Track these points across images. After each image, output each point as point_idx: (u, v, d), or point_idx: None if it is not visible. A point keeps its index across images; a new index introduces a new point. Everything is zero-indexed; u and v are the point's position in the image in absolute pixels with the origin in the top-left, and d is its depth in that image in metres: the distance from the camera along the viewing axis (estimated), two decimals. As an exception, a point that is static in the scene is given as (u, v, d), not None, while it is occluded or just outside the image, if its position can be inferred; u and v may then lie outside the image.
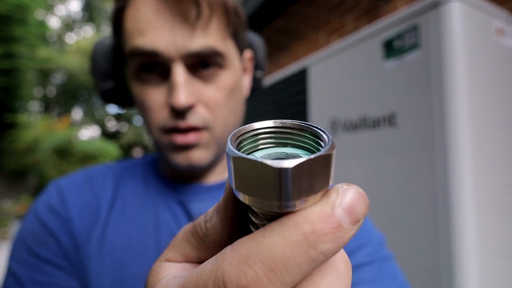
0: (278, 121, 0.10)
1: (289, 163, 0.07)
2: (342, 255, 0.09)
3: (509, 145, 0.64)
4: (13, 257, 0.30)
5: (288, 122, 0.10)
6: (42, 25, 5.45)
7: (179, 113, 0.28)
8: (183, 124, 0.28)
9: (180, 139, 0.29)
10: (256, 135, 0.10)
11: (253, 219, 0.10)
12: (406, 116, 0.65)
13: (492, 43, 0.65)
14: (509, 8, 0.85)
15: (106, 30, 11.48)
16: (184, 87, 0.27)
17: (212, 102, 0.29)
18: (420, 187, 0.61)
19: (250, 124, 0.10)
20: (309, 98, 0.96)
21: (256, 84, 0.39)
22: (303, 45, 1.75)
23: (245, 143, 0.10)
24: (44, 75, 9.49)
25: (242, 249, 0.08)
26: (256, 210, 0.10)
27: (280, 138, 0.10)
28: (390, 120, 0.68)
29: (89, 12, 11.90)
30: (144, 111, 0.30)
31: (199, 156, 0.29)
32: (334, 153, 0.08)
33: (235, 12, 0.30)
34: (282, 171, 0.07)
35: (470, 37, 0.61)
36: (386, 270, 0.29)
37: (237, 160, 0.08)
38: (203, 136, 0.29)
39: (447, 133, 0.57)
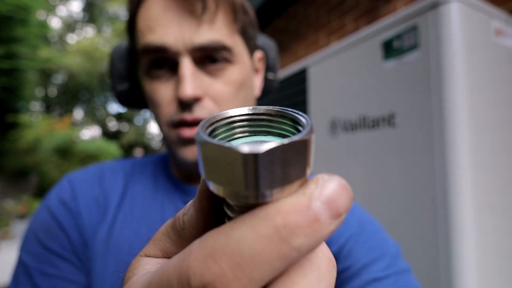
0: (255, 107, 0.09)
1: (259, 148, 0.07)
2: (325, 253, 0.09)
3: (508, 145, 0.64)
4: (24, 248, 0.30)
5: (264, 108, 0.09)
6: (44, 25, 5.46)
7: (185, 105, 0.28)
8: (189, 117, 0.28)
9: (187, 132, 0.28)
10: (231, 123, 0.09)
11: (228, 212, 0.09)
12: (406, 116, 0.65)
13: (491, 43, 0.66)
14: (508, 9, 0.85)
15: (107, 31, 11.51)
16: (191, 79, 0.27)
17: (219, 96, 0.29)
18: (419, 187, 0.61)
19: (225, 111, 0.09)
20: (309, 98, 0.96)
21: (268, 85, 0.39)
22: (303, 45, 1.75)
23: (219, 131, 0.09)
24: (46, 75, 9.51)
25: (209, 242, 0.07)
26: (229, 202, 0.09)
27: (258, 125, 0.09)
28: (389, 120, 0.68)
29: (90, 13, 11.93)
30: (154, 106, 0.30)
31: None
32: (313, 138, 0.08)
33: (243, 9, 0.31)
34: (250, 156, 0.07)
35: (469, 37, 0.61)
36: (402, 284, 0.27)
37: (204, 145, 0.07)
38: None
39: (446, 133, 0.57)
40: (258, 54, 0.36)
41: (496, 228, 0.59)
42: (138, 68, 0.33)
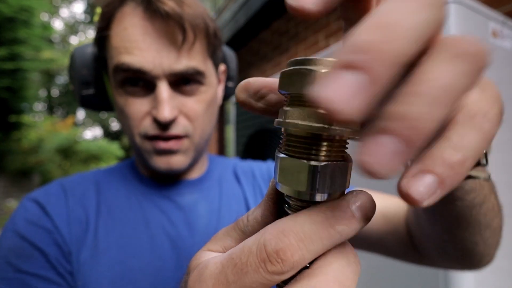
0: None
1: (319, 163, 0.10)
2: (353, 250, 0.12)
3: (504, 145, 0.64)
4: None
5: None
6: (46, 27, 5.50)
7: (163, 125, 0.30)
8: (165, 133, 0.31)
9: (163, 145, 0.31)
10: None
11: (286, 209, 0.13)
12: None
13: (488, 44, 0.66)
14: (503, 12, 0.85)
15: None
16: (168, 102, 0.29)
17: (192, 113, 0.31)
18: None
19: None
20: (308, 99, 0.97)
21: (227, 92, 0.42)
22: (303, 47, 1.77)
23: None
24: (48, 76, 9.58)
25: (280, 224, 0.11)
26: (290, 201, 0.12)
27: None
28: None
29: (92, 15, 12.00)
30: (126, 118, 0.32)
31: (178, 161, 0.32)
32: (351, 165, 0.11)
33: (215, 34, 0.33)
34: (313, 167, 0.10)
35: (466, 38, 0.61)
36: None
37: (282, 159, 0.11)
38: (183, 143, 0.32)
39: (443, 133, 0.58)
40: (222, 67, 0.38)
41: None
42: (104, 73, 0.34)
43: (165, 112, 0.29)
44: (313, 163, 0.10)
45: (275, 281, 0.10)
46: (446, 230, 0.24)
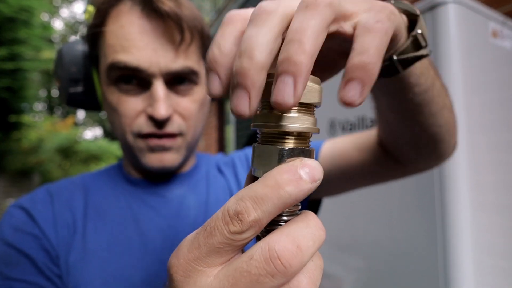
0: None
1: (286, 147, 0.13)
2: (315, 219, 0.13)
3: (504, 145, 0.64)
4: None
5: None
6: (46, 27, 5.50)
7: (159, 123, 0.31)
8: (160, 131, 0.31)
9: (155, 142, 0.31)
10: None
11: None
12: (403, 117, 0.65)
13: (488, 44, 0.66)
14: (503, 12, 0.85)
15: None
16: (165, 100, 0.30)
17: (186, 112, 0.32)
18: (417, 186, 0.62)
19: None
20: (308, 99, 0.97)
21: None
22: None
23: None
24: (48, 76, 9.58)
25: (240, 193, 0.12)
26: None
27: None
28: (387, 121, 0.69)
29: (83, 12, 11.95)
30: (118, 117, 0.32)
31: (171, 159, 0.32)
32: (313, 150, 0.14)
33: (207, 36, 0.34)
34: (282, 150, 0.13)
35: (466, 38, 0.61)
36: None
37: (257, 147, 0.14)
38: (177, 141, 0.32)
39: (442, 133, 0.58)
40: None
41: (491, 226, 0.59)
42: (93, 71, 0.34)
43: (162, 110, 0.29)
44: (281, 147, 0.13)
45: (237, 240, 0.12)
46: (414, 122, 0.26)
